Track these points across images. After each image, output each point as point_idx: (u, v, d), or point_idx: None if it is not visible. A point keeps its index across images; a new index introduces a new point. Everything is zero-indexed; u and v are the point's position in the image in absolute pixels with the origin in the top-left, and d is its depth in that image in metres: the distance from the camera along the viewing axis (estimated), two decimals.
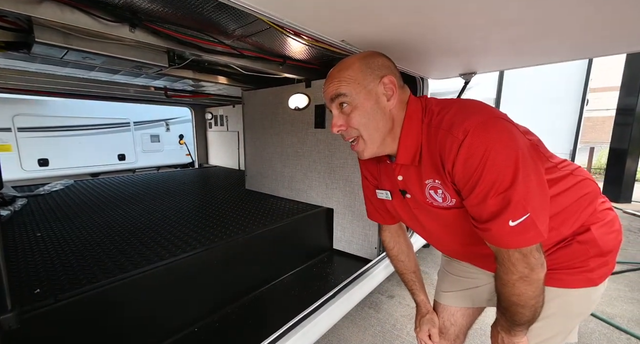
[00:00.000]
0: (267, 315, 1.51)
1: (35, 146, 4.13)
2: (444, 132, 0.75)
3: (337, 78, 0.82)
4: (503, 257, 0.74)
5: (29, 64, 1.91)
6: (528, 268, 0.71)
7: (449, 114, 0.76)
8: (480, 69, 1.67)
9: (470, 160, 0.69)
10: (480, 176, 0.69)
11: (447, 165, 0.75)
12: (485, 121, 0.70)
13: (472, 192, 0.72)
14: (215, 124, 4.75)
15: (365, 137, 0.83)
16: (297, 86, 2.32)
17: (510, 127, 0.71)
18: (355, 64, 0.81)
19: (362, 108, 0.81)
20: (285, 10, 0.87)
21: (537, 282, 0.73)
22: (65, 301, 1.03)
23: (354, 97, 0.80)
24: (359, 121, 0.82)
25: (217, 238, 1.61)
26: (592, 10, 0.84)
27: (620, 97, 5.34)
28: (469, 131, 0.69)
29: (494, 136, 0.68)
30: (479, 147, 0.68)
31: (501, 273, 0.76)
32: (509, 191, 0.67)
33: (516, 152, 0.68)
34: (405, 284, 1.19)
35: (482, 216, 0.72)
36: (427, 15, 0.90)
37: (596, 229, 0.84)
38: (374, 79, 0.81)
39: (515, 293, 0.75)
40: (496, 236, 0.71)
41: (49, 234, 1.66)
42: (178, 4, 1.18)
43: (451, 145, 0.72)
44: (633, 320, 2.04)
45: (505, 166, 0.67)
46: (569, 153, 4.88)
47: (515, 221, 0.68)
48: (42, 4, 1.03)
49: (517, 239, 0.69)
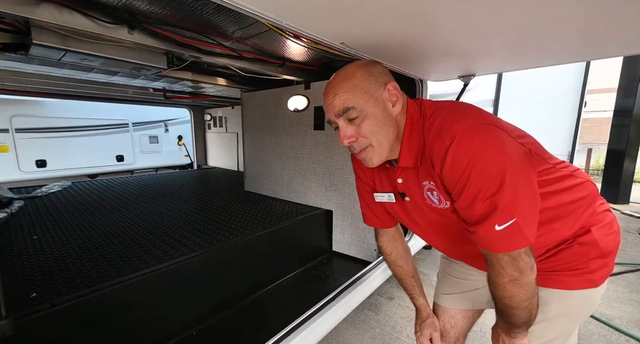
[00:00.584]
0: (266, 318, 1.50)
1: (33, 147, 4.11)
2: (433, 135, 0.76)
3: (342, 90, 0.79)
4: (493, 260, 0.75)
5: (26, 66, 1.90)
6: (517, 271, 0.72)
7: (440, 118, 0.77)
8: (479, 71, 1.67)
9: (457, 165, 0.70)
10: (467, 181, 0.69)
11: (436, 168, 0.76)
12: (473, 126, 0.71)
13: (460, 196, 0.73)
14: (214, 126, 4.75)
15: (375, 145, 0.82)
16: (296, 88, 2.32)
17: (499, 133, 0.71)
18: (357, 72, 0.80)
19: (372, 116, 0.79)
20: (285, 13, 0.87)
21: (528, 285, 0.73)
22: (62, 305, 1.02)
23: (364, 107, 0.78)
24: (371, 129, 0.80)
25: (216, 241, 1.60)
26: (589, 14, 0.84)
27: (618, 99, 5.37)
28: (455, 136, 0.70)
29: (482, 142, 0.69)
30: (465, 153, 0.69)
31: (492, 275, 0.77)
32: (495, 196, 0.68)
33: (504, 158, 0.68)
34: (404, 289, 1.18)
35: (471, 219, 0.74)
36: (426, 18, 0.90)
37: (596, 231, 0.84)
38: (379, 86, 0.81)
39: (507, 295, 0.76)
40: (484, 239, 0.72)
41: (46, 236, 1.64)
42: (177, 5, 1.17)
43: (439, 149, 0.73)
44: (632, 321, 2.04)
45: (492, 172, 0.67)
46: (567, 154, 4.90)
47: (502, 225, 0.68)
48: (40, 6, 1.02)
49: (503, 244, 0.70)
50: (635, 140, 5.26)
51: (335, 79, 0.83)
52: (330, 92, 0.82)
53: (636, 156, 5.40)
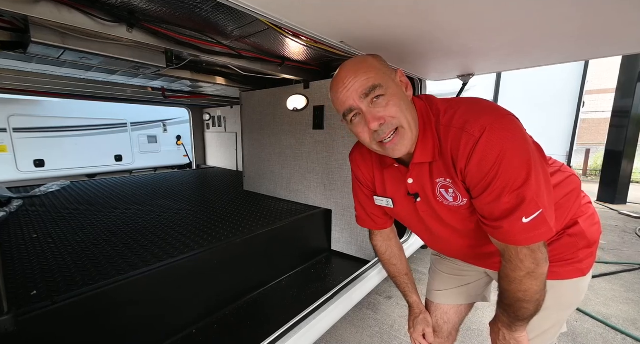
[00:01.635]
0: (265, 316, 1.50)
1: (31, 146, 4.11)
2: (455, 130, 0.74)
3: (362, 70, 0.74)
4: (511, 254, 0.74)
5: (25, 64, 1.89)
6: (535, 263, 0.73)
7: (460, 112, 0.76)
8: (478, 71, 1.68)
9: (486, 158, 0.69)
10: (496, 173, 0.69)
11: (459, 163, 0.74)
12: (500, 118, 0.71)
13: (486, 190, 0.72)
14: (213, 125, 4.74)
15: (405, 126, 0.76)
16: (295, 87, 2.32)
17: (521, 126, 0.73)
18: (368, 58, 0.79)
19: (397, 96, 0.75)
20: (285, 12, 0.87)
21: (542, 276, 0.75)
22: (62, 303, 1.02)
23: (389, 86, 0.75)
24: (400, 108, 0.75)
25: (215, 240, 1.60)
26: (587, 14, 0.85)
27: (616, 100, 5.38)
28: (485, 127, 0.69)
29: (510, 135, 0.69)
30: (495, 146, 0.68)
31: (508, 270, 0.77)
32: (522, 188, 0.68)
33: (529, 151, 0.69)
34: (397, 287, 1.18)
35: (494, 213, 0.72)
36: (425, 18, 0.91)
37: (583, 222, 0.88)
38: (392, 71, 0.80)
39: (522, 288, 0.76)
40: (508, 233, 0.71)
41: (45, 235, 1.64)
42: (176, 3, 1.17)
43: (467, 142, 0.71)
44: (629, 320, 2.05)
45: (520, 164, 0.68)
46: (565, 155, 4.91)
47: (529, 217, 0.69)
48: (39, 4, 1.02)
49: (528, 236, 0.70)
50: (633, 141, 5.28)
51: (347, 67, 0.78)
52: (347, 77, 0.75)
53: (634, 156, 5.42)
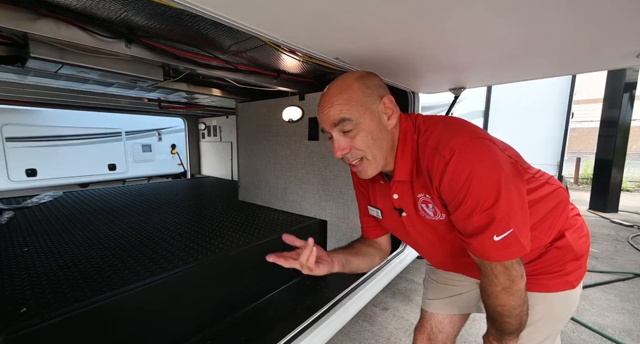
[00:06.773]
0: (260, 331, 1.48)
1: (23, 155, 4.05)
2: (430, 150, 0.77)
3: (338, 102, 0.79)
4: (486, 269, 0.77)
5: (22, 77, 1.90)
6: (509, 280, 0.75)
7: (435, 133, 0.79)
8: (469, 84, 1.72)
9: (456, 179, 0.72)
10: (465, 194, 0.72)
11: (434, 181, 0.77)
12: (469, 140, 0.73)
13: (458, 209, 0.75)
14: (208, 135, 4.75)
15: (370, 158, 0.82)
16: (290, 99, 2.35)
17: (492, 147, 0.74)
18: (353, 84, 0.81)
19: (367, 129, 0.79)
20: (281, 30, 0.90)
21: (519, 292, 0.76)
22: (52, 320, 1.00)
23: (359, 120, 0.78)
24: (365, 143, 0.80)
25: (210, 252, 1.59)
26: (573, 32, 0.89)
27: (604, 110, 5.53)
28: (455, 150, 0.72)
29: (478, 157, 0.71)
30: (464, 168, 0.71)
31: (485, 284, 0.79)
32: (492, 208, 0.70)
33: (499, 172, 0.71)
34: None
35: (468, 230, 0.75)
36: (416, 35, 0.94)
37: (570, 235, 0.89)
38: (375, 99, 0.81)
39: (500, 303, 0.78)
40: (481, 249, 0.74)
41: (37, 249, 1.61)
42: (175, 21, 1.20)
43: (438, 163, 0.75)
44: (625, 331, 2.06)
45: (489, 185, 0.70)
46: (556, 164, 5.00)
47: (500, 236, 0.71)
48: (39, 21, 1.03)
49: (500, 253, 0.72)
50: (622, 149, 5.40)
51: (331, 90, 0.82)
52: (326, 103, 0.81)
53: (623, 164, 5.54)
